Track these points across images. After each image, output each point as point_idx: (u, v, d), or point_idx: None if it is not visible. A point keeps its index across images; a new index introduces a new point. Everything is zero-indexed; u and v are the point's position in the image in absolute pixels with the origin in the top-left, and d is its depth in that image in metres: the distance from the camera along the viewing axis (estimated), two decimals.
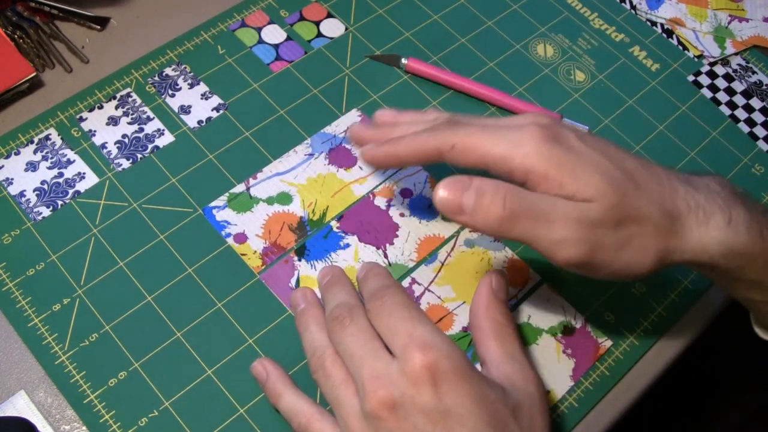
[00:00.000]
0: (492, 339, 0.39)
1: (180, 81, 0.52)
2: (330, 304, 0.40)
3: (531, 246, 0.37)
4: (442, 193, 0.37)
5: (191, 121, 0.51)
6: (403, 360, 0.35)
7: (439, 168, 0.50)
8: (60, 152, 0.49)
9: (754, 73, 0.58)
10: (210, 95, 0.52)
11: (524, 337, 0.45)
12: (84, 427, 0.40)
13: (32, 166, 0.48)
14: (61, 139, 0.49)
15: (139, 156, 0.49)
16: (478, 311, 0.40)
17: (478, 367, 0.44)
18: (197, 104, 0.52)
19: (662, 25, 0.60)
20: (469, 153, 0.38)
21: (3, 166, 0.48)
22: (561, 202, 0.36)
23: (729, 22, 0.60)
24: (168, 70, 0.53)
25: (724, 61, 0.58)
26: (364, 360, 0.36)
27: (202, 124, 0.51)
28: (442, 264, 0.47)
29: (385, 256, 0.47)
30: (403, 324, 0.36)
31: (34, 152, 0.49)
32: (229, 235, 0.47)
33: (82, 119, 0.50)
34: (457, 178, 0.37)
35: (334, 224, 0.48)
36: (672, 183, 0.38)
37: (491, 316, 0.40)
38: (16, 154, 0.49)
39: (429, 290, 0.46)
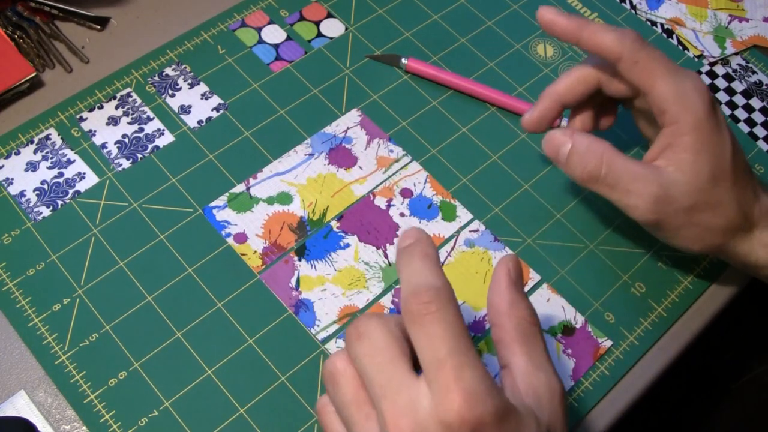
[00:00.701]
0: (518, 344, 0.34)
1: (180, 81, 0.52)
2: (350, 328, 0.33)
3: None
4: (548, 138, 0.44)
5: (191, 121, 0.51)
6: (441, 402, 0.29)
7: (439, 167, 0.50)
8: (60, 152, 0.49)
9: (754, 73, 0.58)
10: (210, 95, 0.52)
11: None
12: (84, 427, 0.40)
13: (32, 166, 0.48)
14: (61, 139, 0.49)
15: (139, 156, 0.49)
16: (500, 308, 0.35)
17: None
18: (197, 104, 0.52)
19: (662, 25, 0.60)
20: (644, 77, 0.42)
21: (3, 166, 0.48)
22: (643, 177, 0.41)
23: (729, 22, 0.60)
24: (168, 70, 0.53)
25: (724, 61, 0.58)
26: (386, 388, 0.31)
27: (202, 124, 0.51)
28: (442, 264, 0.47)
29: (385, 256, 0.47)
30: (451, 358, 0.30)
31: (34, 152, 0.49)
32: (229, 235, 0.47)
33: (82, 119, 0.50)
34: (563, 130, 0.43)
35: (334, 224, 0.48)
36: (758, 189, 0.43)
37: (517, 315, 0.35)
38: (16, 154, 0.49)
39: None
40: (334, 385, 0.33)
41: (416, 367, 0.32)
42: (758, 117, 0.56)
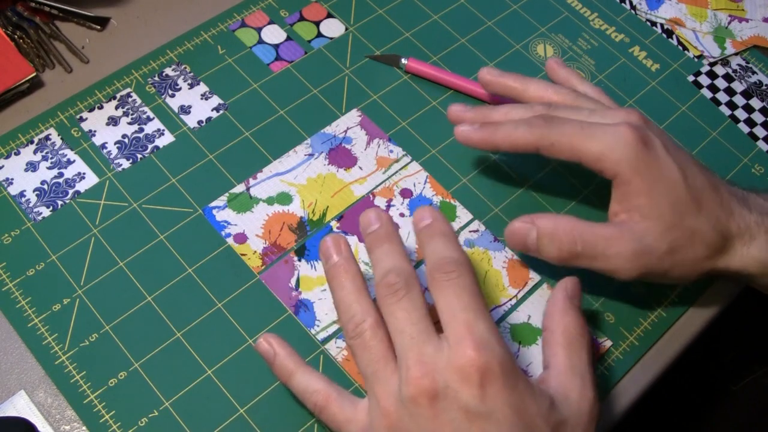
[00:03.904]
0: (561, 347, 0.38)
1: (180, 81, 0.52)
2: (382, 265, 0.38)
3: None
4: (509, 231, 0.43)
5: (191, 121, 0.51)
6: (455, 352, 0.34)
7: (439, 167, 0.50)
8: (60, 152, 0.49)
9: (754, 73, 0.58)
10: (210, 95, 0.52)
11: (524, 337, 0.45)
12: (84, 427, 0.40)
13: (32, 166, 0.48)
14: (61, 139, 0.49)
15: (139, 156, 0.49)
16: (553, 315, 0.40)
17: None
18: (197, 104, 0.52)
19: (662, 25, 0.60)
20: (566, 151, 0.42)
21: (3, 166, 0.48)
22: (617, 238, 0.41)
23: (729, 23, 0.60)
24: (168, 70, 0.53)
25: (724, 62, 0.58)
26: (415, 341, 0.35)
27: (202, 124, 0.51)
28: None
29: None
30: (465, 313, 0.35)
31: (34, 152, 0.49)
32: (229, 235, 0.47)
33: (82, 119, 0.50)
34: (523, 219, 0.42)
35: (334, 224, 0.48)
36: (730, 204, 0.42)
37: (565, 322, 0.39)
38: (16, 154, 0.49)
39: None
40: (365, 345, 0.36)
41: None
42: (758, 117, 0.56)
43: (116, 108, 0.51)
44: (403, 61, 0.54)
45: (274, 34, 0.56)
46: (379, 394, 0.35)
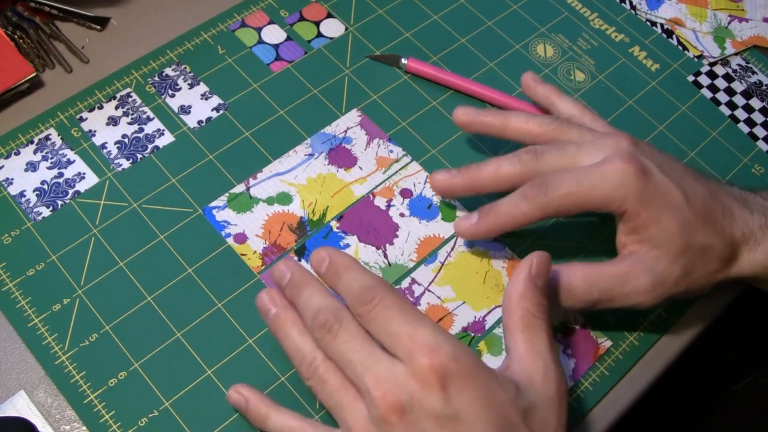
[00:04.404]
0: (520, 331, 0.38)
1: (180, 81, 0.52)
2: (308, 309, 0.37)
3: None
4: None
5: (191, 121, 0.51)
6: (409, 365, 0.34)
7: (439, 167, 0.50)
8: (60, 152, 0.49)
9: (754, 73, 0.58)
10: (210, 95, 0.52)
11: None
12: (84, 427, 0.40)
13: (32, 166, 0.48)
14: (61, 139, 0.49)
15: (139, 156, 0.49)
16: (511, 298, 0.38)
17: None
18: (197, 104, 0.52)
19: (662, 25, 0.60)
20: (572, 208, 0.42)
21: (3, 166, 0.48)
22: (631, 275, 0.41)
23: (729, 23, 0.60)
24: (168, 70, 0.53)
25: (724, 62, 0.58)
26: (365, 366, 0.35)
27: (202, 124, 0.51)
28: (442, 264, 0.47)
29: (385, 256, 0.47)
30: (403, 328, 0.35)
31: (34, 152, 0.49)
32: (229, 235, 0.47)
33: (82, 119, 0.50)
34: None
35: (334, 224, 0.48)
36: (731, 208, 0.42)
37: (523, 306, 0.38)
38: (16, 154, 0.49)
39: (429, 290, 0.46)
40: (322, 381, 0.36)
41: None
42: (758, 117, 0.56)
43: (116, 108, 0.51)
44: (403, 61, 0.54)
45: (274, 34, 0.56)
46: (350, 421, 0.35)
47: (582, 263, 0.42)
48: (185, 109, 0.51)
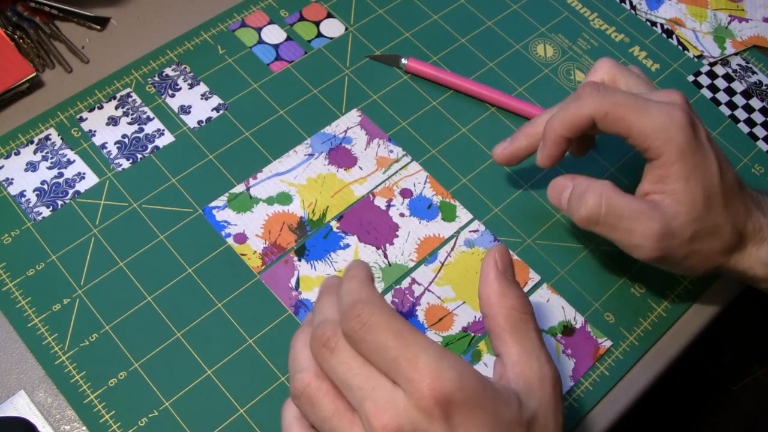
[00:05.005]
0: (509, 333, 0.35)
1: (180, 81, 0.52)
2: (315, 320, 0.35)
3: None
4: (551, 184, 0.45)
5: (191, 121, 0.51)
6: (410, 393, 0.31)
7: (439, 167, 0.50)
8: (60, 152, 0.49)
9: (753, 73, 0.58)
10: (210, 95, 0.52)
11: None
12: (84, 427, 0.40)
13: (32, 166, 0.48)
14: (61, 139, 0.49)
15: (139, 156, 0.49)
16: (490, 300, 0.36)
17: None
18: (197, 104, 0.52)
19: (662, 25, 0.60)
20: (618, 122, 0.41)
21: (3, 166, 0.48)
22: (645, 215, 0.41)
23: (729, 23, 0.60)
24: (168, 70, 0.53)
25: (724, 62, 0.58)
26: (364, 391, 0.32)
27: (202, 124, 0.51)
28: (442, 264, 0.47)
29: (385, 256, 0.47)
30: (401, 353, 0.31)
31: (34, 152, 0.49)
32: (229, 235, 0.47)
33: (82, 119, 0.50)
34: (565, 175, 0.44)
35: (334, 224, 0.48)
36: (748, 204, 0.43)
37: (506, 305, 0.35)
38: (16, 154, 0.49)
39: (429, 290, 0.46)
40: (312, 402, 0.33)
41: None
42: (758, 117, 0.56)
43: (116, 108, 0.51)
44: (403, 61, 0.54)
45: (274, 34, 0.56)
46: None
47: (608, 182, 0.42)
48: (185, 109, 0.51)
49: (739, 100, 0.56)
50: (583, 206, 0.42)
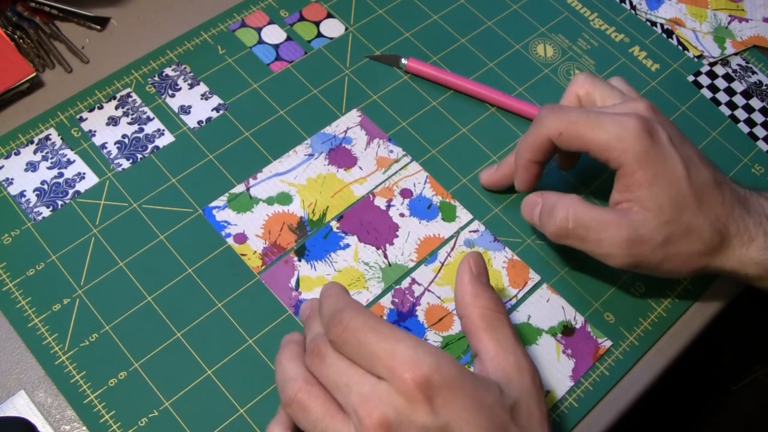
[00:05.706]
0: (484, 331, 0.38)
1: (180, 81, 0.52)
2: (307, 338, 0.38)
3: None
4: (524, 202, 0.46)
5: (191, 121, 0.51)
6: (392, 382, 0.33)
7: (439, 167, 0.50)
8: (60, 152, 0.49)
9: (754, 73, 0.58)
10: (210, 95, 0.52)
11: (524, 337, 0.45)
12: (84, 427, 0.40)
13: (32, 166, 0.48)
14: (61, 139, 0.49)
15: (139, 156, 0.49)
16: (464, 301, 0.38)
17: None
18: (197, 104, 0.52)
19: (662, 25, 0.60)
20: (575, 139, 0.43)
21: (3, 166, 0.48)
22: (613, 224, 0.41)
23: (729, 23, 0.60)
24: (168, 70, 0.53)
25: (724, 62, 0.58)
26: (350, 386, 0.34)
27: (202, 124, 0.51)
28: (442, 264, 0.47)
29: (385, 256, 0.47)
30: (380, 346, 0.33)
31: (34, 152, 0.49)
32: (229, 235, 0.47)
33: (82, 119, 0.50)
34: (536, 192, 0.45)
35: (334, 224, 0.48)
36: (730, 203, 0.42)
37: (479, 305, 0.38)
38: (16, 154, 0.49)
39: (429, 290, 0.46)
40: (303, 407, 0.35)
41: None
42: (758, 117, 0.56)
43: (116, 108, 0.51)
44: (403, 61, 0.54)
45: (274, 34, 0.56)
46: None
47: (576, 196, 0.43)
48: (185, 109, 0.51)
49: (739, 100, 0.56)
50: (551, 221, 0.43)
